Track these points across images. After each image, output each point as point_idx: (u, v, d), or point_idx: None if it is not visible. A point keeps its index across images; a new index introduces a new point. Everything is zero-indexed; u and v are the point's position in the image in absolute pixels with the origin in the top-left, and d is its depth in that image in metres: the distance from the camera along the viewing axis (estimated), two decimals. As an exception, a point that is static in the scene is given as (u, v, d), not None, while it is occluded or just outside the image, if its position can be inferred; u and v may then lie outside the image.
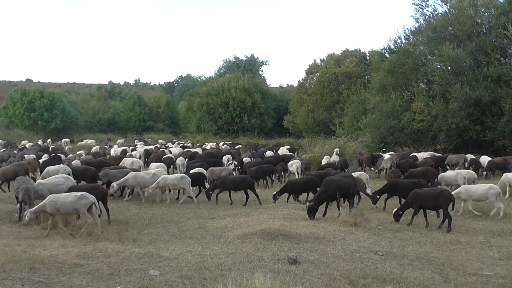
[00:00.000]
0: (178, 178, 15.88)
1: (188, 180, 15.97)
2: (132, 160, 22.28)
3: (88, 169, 17.49)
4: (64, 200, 10.72)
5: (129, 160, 22.22)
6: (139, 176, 16.27)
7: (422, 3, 35.25)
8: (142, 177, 16.22)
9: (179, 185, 15.72)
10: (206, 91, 55.09)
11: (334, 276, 7.49)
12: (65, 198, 10.77)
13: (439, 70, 30.05)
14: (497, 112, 27.71)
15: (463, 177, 16.66)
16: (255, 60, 75.81)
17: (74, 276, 7.42)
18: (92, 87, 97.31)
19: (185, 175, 16.37)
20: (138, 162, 22.33)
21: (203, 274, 7.58)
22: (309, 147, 27.79)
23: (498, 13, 29.70)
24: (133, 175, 16.25)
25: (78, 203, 10.70)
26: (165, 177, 16.07)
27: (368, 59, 49.01)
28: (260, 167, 20.34)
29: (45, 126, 54.01)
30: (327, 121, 46.60)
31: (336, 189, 12.79)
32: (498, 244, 10.05)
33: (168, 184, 15.73)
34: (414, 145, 33.43)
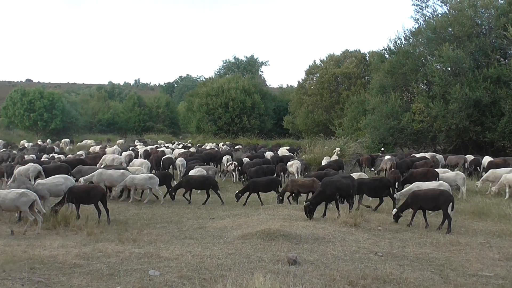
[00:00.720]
0: (146, 178, 15.73)
1: (156, 180, 15.88)
2: (112, 157, 22.40)
3: (59, 167, 17.45)
4: (5, 197, 10.63)
5: (109, 157, 22.36)
6: (106, 173, 16.15)
7: (422, 4, 35.31)
8: (110, 174, 16.08)
9: (147, 185, 15.61)
10: (206, 92, 55.08)
11: (334, 276, 7.49)
12: (6, 195, 10.67)
13: (439, 70, 30.06)
14: (497, 113, 27.71)
15: (462, 177, 16.69)
16: (255, 61, 75.85)
17: (74, 276, 7.42)
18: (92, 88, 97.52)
19: (153, 175, 16.29)
20: (118, 158, 22.49)
21: (202, 274, 7.57)
22: (308, 147, 27.77)
23: (498, 14, 29.72)
24: (100, 172, 16.23)
25: (19, 201, 10.59)
26: (132, 176, 15.90)
27: (368, 59, 49.05)
28: (260, 167, 20.33)
29: (45, 127, 53.98)
30: (326, 122, 46.60)
31: (334, 190, 12.75)
32: (498, 245, 10.04)
33: (136, 184, 15.57)
34: (414, 146, 33.43)
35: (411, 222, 11.95)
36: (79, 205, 12.36)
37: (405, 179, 17.32)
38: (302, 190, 15.24)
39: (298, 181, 15.53)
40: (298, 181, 15.62)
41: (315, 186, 14.73)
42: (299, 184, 15.24)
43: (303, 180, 15.75)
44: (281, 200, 15.39)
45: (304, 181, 15.42)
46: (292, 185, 15.28)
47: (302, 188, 15.17)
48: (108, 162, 21.33)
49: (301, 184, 15.23)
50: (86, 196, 12.23)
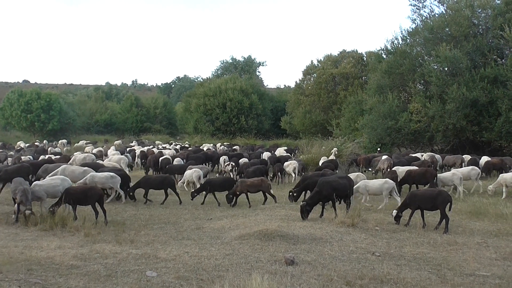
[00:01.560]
0: (107, 177, 15.65)
1: (118, 179, 15.83)
2: (84, 156, 22.63)
3: (21, 167, 17.49)
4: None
5: (81, 156, 22.58)
6: (69, 169, 16.29)
7: (419, 4, 35.41)
8: (72, 171, 16.20)
9: (108, 183, 15.54)
10: (203, 92, 55.12)
11: (331, 277, 7.49)
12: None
13: (436, 70, 30.10)
14: (494, 113, 27.77)
15: (459, 177, 16.72)
16: (252, 61, 75.99)
17: (71, 277, 7.40)
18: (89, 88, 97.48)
19: (115, 174, 16.17)
20: (91, 156, 22.74)
21: (200, 275, 7.57)
22: (306, 148, 27.79)
23: (495, 14, 29.82)
24: (63, 167, 16.38)
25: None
26: (93, 174, 15.82)
27: (365, 60, 49.18)
28: (258, 168, 20.35)
29: (42, 127, 53.92)
30: (324, 122, 46.68)
31: (330, 190, 12.74)
32: (495, 245, 10.06)
33: (97, 182, 15.39)
34: (411, 146, 33.47)
35: (409, 222, 11.96)
36: (76, 206, 12.34)
37: (403, 179, 17.33)
38: (252, 190, 15.44)
39: (247, 181, 15.72)
40: (247, 181, 15.81)
41: (263, 185, 15.27)
42: (248, 184, 15.45)
43: (252, 180, 15.99)
44: (231, 199, 15.53)
45: (253, 181, 15.70)
46: (241, 185, 15.45)
47: (251, 188, 15.40)
48: (78, 161, 21.51)
49: (250, 184, 15.46)
50: (83, 197, 12.21)
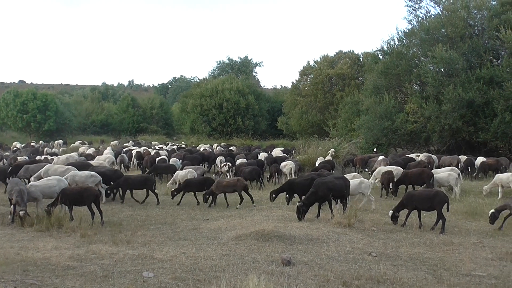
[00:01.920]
0: (87, 176, 15.68)
1: (99, 179, 15.83)
2: (67, 156, 22.92)
3: None
4: None
5: (63, 157, 22.94)
6: (51, 169, 16.54)
7: (415, 5, 35.49)
8: (55, 170, 16.44)
9: (87, 182, 15.45)
10: (200, 93, 55.09)
11: (328, 277, 7.50)
12: None
13: (432, 71, 30.16)
14: (489, 114, 27.86)
15: (455, 178, 16.76)
16: (249, 62, 76.00)
17: (68, 278, 7.38)
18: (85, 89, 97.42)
19: (95, 174, 16.19)
20: (73, 157, 22.98)
21: (197, 275, 7.56)
22: (303, 148, 27.81)
23: (491, 15, 29.92)
24: (47, 167, 16.57)
25: None
26: (74, 173, 15.86)
27: (362, 60, 49.24)
28: (254, 168, 20.37)
29: (38, 128, 53.78)
30: (320, 123, 46.71)
31: (326, 191, 12.73)
32: (491, 245, 10.10)
33: (77, 181, 15.44)
34: (408, 147, 33.54)
35: (405, 222, 11.99)
36: (72, 206, 12.31)
37: (399, 180, 17.36)
38: (228, 190, 15.56)
39: (223, 182, 15.86)
40: (224, 181, 15.94)
41: (239, 185, 15.38)
42: (224, 185, 15.58)
43: (228, 180, 16.14)
44: (207, 199, 15.62)
45: (229, 181, 15.85)
46: (217, 185, 15.56)
47: (228, 188, 15.52)
48: (60, 161, 21.76)
49: (226, 184, 15.60)
50: (79, 197, 12.18)
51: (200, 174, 19.55)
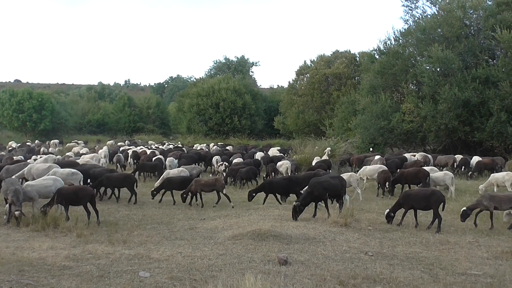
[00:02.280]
0: (68, 173, 15.72)
1: (80, 176, 15.89)
2: (46, 157, 22.92)
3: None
4: None
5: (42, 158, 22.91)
6: (34, 167, 16.70)
7: (412, 5, 35.61)
8: (37, 168, 16.57)
9: (68, 180, 15.51)
10: (197, 92, 55.06)
11: (324, 276, 7.50)
12: None
13: (428, 71, 30.26)
14: (485, 113, 27.96)
15: (451, 177, 16.82)
16: (246, 61, 75.95)
17: (63, 278, 7.36)
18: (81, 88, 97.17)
19: (76, 171, 16.25)
20: (52, 157, 23.01)
21: (193, 275, 7.55)
22: (299, 148, 27.82)
23: (486, 15, 30.05)
24: (29, 166, 16.74)
25: None
26: (55, 170, 15.92)
27: (358, 60, 49.32)
28: (251, 168, 20.39)
29: (34, 127, 53.63)
30: (317, 122, 46.75)
31: (322, 191, 12.71)
32: (487, 244, 10.13)
33: None
34: (404, 146, 33.62)
35: (401, 222, 12.01)
36: (68, 206, 12.28)
37: (395, 179, 17.40)
38: (206, 189, 15.63)
39: (201, 181, 15.94)
40: (202, 180, 16.03)
41: (217, 184, 15.49)
42: (202, 184, 15.64)
43: (206, 180, 16.20)
44: (184, 198, 15.72)
45: (207, 180, 15.96)
46: (195, 184, 15.61)
47: (206, 187, 15.59)
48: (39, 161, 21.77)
49: (204, 183, 15.67)
50: (75, 197, 12.14)
51: (197, 173, 19.55)
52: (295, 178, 15.84)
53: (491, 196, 12.09)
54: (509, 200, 11.82)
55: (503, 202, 11.83)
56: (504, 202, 11.83)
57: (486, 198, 12.08)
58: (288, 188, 15.28)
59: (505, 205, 11.85)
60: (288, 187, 15.27)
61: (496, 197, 12.02)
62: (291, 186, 15.22)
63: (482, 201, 12.07)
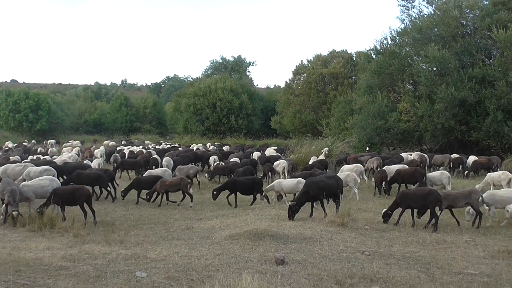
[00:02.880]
0: (41, 171, 15.91)
1: (53, 172, 16.07)
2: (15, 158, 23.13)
3: None
4: None
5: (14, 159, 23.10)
6: (9, 168, 17.06)
7: (408, 5, 35.66)
8: (12, 169, 16.97)
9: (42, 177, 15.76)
10: (193, 92, 55.01)
11: (321, 276, 7.51)
12: None
13: (425, 71, 30.32)
14: (481, 113, 28.03)
15: (448, 177, 16.87)
16: (242, 61, 75.82)
17: (60, 278, 7.35)
18: (78, 88, 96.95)
19: (49, 167, 16.45)
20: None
21: (190, 275, 7.55)
22: (296, 147, 27.83)
23: (483, 14, 30.12)
24: (4, 167, 17.09)
25: None
26: (29, 169, 16.16)
27: (355, 60, 49.36)
28: (248, 168, 20.41)
29: (31, 127, 53.49)
30: (314, 122, 46.76)
31: (317, 190, 12.71)
32: (483, 243, 10.16)
33: (32, 176, 15.54)
34: (401, 146, 33.67)
35: (398, 221, 12.03)
36: (64, 206, 12.26)
37: (392, 179, 17.43)
38: (171, 189, 15.72)
39: (166, 181, 16.00)
40: (167, 180, 16.10)
41: (182, 184, 15.60)
42: (167, 184, 15.71)
43: (171, 180, 16.29)
44: (149, 199, 15.80)
45: (172, 181, 16.02)
46: (160, 184, 15.69)
47: (171, 187, 15.69)
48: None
49: (169, 183, 15.75)
50: (71, 197, 12.12)
51: (193, 173, 19.54)
52: (258, 179, 16.24)
53: (445, 195, 12.26)
54: (464, 197, 12.00)
55: (458, 199, 12.02)
56: (459, 200, 12.01)
57: None
58: (251, 188, 15.55)
59: (459, 202, 12.03)
60: (252, 187, 15.54)
61: (450, 196, 12.20)
62: (255, 186, 15.55)
63: None
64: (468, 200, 11.91)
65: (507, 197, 12.23)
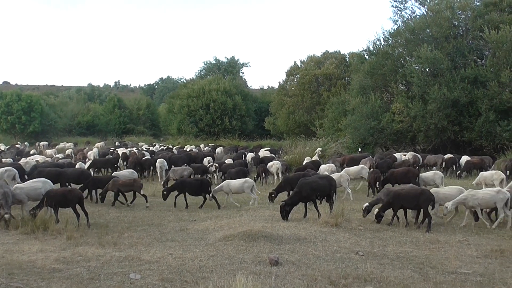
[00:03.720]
0: (2, 172, 16.22)
1: (13, 172, 16.29)
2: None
3: None
4: None
5: None
6: None
7: (401, 6, 35.74)
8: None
9: (3, 178, 15.90)
10: (187, 93, 54.92)
11: (315, 276, 7.53)
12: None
13: (418, 71, 30.42)
14: (474, 113, 28.19)
15: (441, 177, 16.94)
16: (236, 62, 75.88)
17: (53, 281, 7.32)
18: (71, 90, 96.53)
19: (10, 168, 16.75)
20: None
21: (184, 277, 7.54)
22: (290, 148, 27.86)
23: (474, 15, 30.31)
24: None
25: None
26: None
27: (348, 60, 49.45)
28: (241, 169, 20.44)
29: (23, 129, 53.20)
30: (307, 123, 46.79)
31: (309, 191, 12.69)
32: (476, 243, 10.22)
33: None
34: (394, 146, 33.77)
35: (392, 221, 12.07)
36: (57, 209, 12.20)
37: (385, 179, 17.49)
38: (124, 189, 15.86)
39: (119, 181, 16.10)
40: (119, 180, 16.20)
41: (135, 185, 15.79)
42: (120, 184, 15.81)
43: (123, 180, 16.44)
44: (102, 199, 15.91)
45: (125, 181, 16.16)
46: (113, 184, 15.79)
47: (123, 187, 15.81)
48: None
49: (122, 183, 15.86)
50: (63, 199, 12.08)
51: (188, 175, 19.51)
52: (206, 180, 16.60)
53: (389, 191, 12.33)
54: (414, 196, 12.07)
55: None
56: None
57: (385, 194, 12.46)
58: (199, 188, 15.84)
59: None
60: (200, 188, 15.83)
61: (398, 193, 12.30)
62: (203, 187, 15.85)
63: (381, 196, 12.47)
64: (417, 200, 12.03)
65: (449, 195, 12.52)
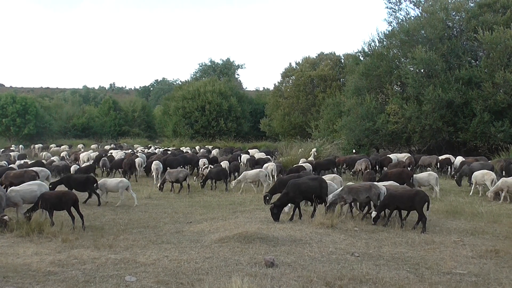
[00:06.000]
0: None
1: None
2: None
3: None
4: None
5: None
6: None
7: (395, 7, 35.97)
8: None
9: None
10: (182, 95, 54.93)
11: (311, 278, 7.53)
12: None
13: (412, 72, 30.56)
14: (468, 114, 28.33)
15: (435, 177, 16.99)
16: (231, 64, 75.92)
17: (49, 284, 7.29)
18: (66, 92, 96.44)
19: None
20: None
21: (180, 279, 7.53)
22: (285, 150, 27.89)
23: (469, 16, 30.47)
24: None
25: None
26: None
27: (343, 62, 49.65)
28: (221, 169, 20.62)
29: (18, 132, 53.06)
30: (303, 124, 46.90)
31: (298, 192, 12.56)
32: (471, 243, 10.24)
33: None
34: (389, 147, 33.86)
35: (387, 222, 12.09)
36: (52, 211, 12.15)
37: (380, 180, 17.49)
38: (14, 181, 15.93)
39: (10, 173, 16.67)
40: (11, 173, 16.78)
41: (25, 176, 16.15)
42: (11, 176, 16.37)
43: (14, 171, 17.10)
44: None
45: (16, 172, 16.81)
46: (5, 177, 16.35)
47: (13, 179, 16.14)
48: None
49: (13, 175, 16.42)
50: (58, 202, 12.03)
51: (183, 177, 19.50)
52: (92, 177, 17.09)
53: (350, 189, 12.58)
54: (365, 190, 12.41)
55: (360, 192, 12.40)
56: (361, 192, 12.40)
57: (345, 191, 12.59)
58: (84, 185, 16.44)
59: (361, 195, 12.42)
60: (85, 184, 16.44)
61: (354, 189, 12.52)
62: (88, 184, 16.48)
63: (341, 194, 12.58)
64: (368, 193, 12.37)
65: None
